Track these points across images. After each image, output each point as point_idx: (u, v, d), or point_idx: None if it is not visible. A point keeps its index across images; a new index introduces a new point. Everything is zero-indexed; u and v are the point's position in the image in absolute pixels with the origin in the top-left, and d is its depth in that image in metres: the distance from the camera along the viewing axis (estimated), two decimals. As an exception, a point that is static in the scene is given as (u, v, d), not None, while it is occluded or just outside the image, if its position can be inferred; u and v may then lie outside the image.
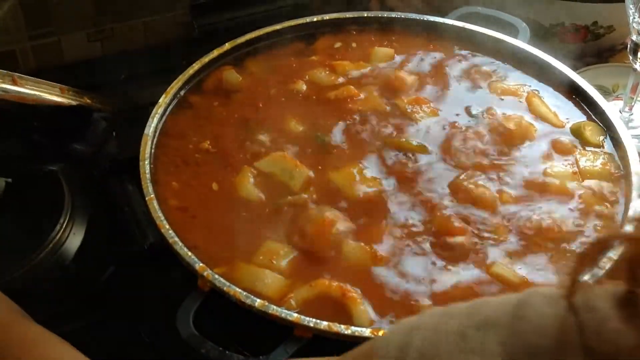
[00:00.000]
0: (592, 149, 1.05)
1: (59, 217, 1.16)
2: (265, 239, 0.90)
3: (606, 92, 1.40)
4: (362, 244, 0.90)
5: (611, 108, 1.08)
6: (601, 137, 1.05)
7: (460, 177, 0.99)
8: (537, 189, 0.98)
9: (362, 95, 1.12)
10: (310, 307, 0.83)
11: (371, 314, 0.83)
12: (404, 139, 1.05)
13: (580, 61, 1.49)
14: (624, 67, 1.41)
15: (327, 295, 0.84)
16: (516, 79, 1.17)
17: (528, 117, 1.09)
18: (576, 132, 1.07)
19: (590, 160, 1.02)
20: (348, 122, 1.08)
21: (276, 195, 0.96)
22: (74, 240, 1.16)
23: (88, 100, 1.14)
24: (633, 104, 1.33)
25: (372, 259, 0.89)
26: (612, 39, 1.50)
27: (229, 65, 1.17)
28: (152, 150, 1.00)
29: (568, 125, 1.08)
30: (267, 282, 0.85)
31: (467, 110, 1.11)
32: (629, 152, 1.00)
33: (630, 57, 1.27)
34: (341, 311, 0.83)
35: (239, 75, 1.16)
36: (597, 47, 1.51)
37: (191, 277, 0.84)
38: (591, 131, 1.06)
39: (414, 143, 1.04)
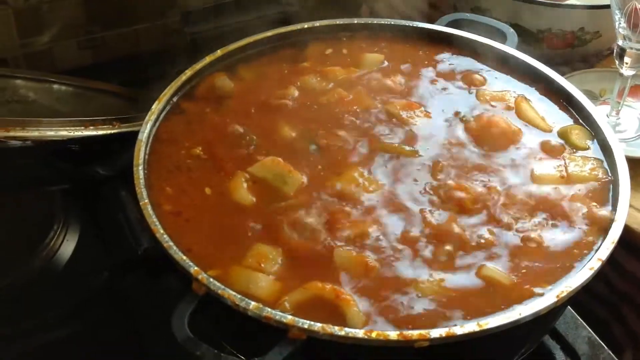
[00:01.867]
0: (581, 153, 1.06)
1: (52, 224, 1.17)
2: (256, 242, 0.91)
3: (593, 97, 1.42)
4: (354, 252, 0.90)
5: (598, 112, 1.09)
6: (588, 141, 1.07)
7: (451, 182, 1.00)
8: (526, 193, 0.99)
9: (352, 97, 1.14)
10: (305, 309, 0.84)
11: (364, 315, 0.83)
12: (396, 144, 1.06)
13: (568, 66, 1.51)
14: (611, 71, 1.43)
15: (321, 298, 0.85)
16: (504, 84, 1.18)
17: (516, 121, 1.11)
18: (563, 135, 1.08)
19: (579, 165, 1.03)
20: (340, 126, 1.09)
21: (269, 199, 0.97)
22: (68, 247, 1.17)
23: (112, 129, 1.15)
24: (620, 108, 1.35)
25: (364, 266, 0.89)
26: (599, 44, 1.52)
27: (221, 72, 1.18)
28: (146, 156, 1.00)
29: (555, 129, 1.10)
30: (260, 285, 0.85)
31: (457, 114, 1.12)
32: (616, 156, 1.01)
33: (617, 62, 1.29)
34: (335, 313, 0.83)
35: (231, 81, 1.16)
36: (584, 53, 1.54)
37: (185, 282, 0.85)
38: (577, 135, 1.07)
39: (407, 148, 1.05)
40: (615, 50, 1.28)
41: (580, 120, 1.11)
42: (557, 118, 1.12)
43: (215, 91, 1.15)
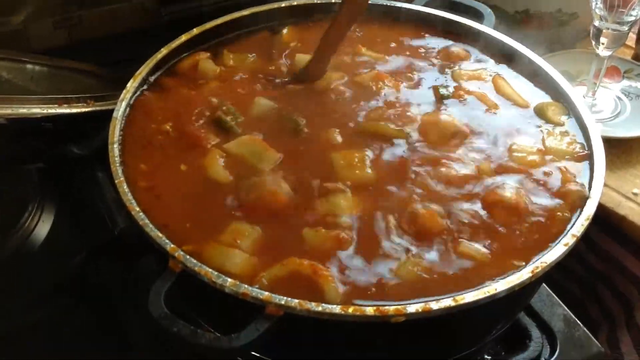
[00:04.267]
0: (559, 128, 1.06)
1: (27, 204, 1.16)
2: (232, 218, 0.90)
3: (570, 78, 1.43)
4: (324, 230, 0.90)
5: (575, 92, 1.10)
6: (564, 117, 1.07)
7: (431, 156, 1.01)
8: (504, 167, 1.00)
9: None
10: (282, 285, 0.83)
11: (341, 291, 0.83)
12: (382, 123, 1.05)
13: (545, 48, 1.51)
14: (587, 53, 1.43)
15: (299, 274, 0.85)
16: (481, 63, 1.19)
17: (493, 96, 1.11)
18: (540, 111, 1.09)
19: (556, 139, 1.04)
20: (320, 104, 1.09)
21: (244, 176, 0.96)
22: (43, 227, 1.16)
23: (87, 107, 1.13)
24: (596, 89, 1.36)
25: (336, 241, 0.89)
26: (576, 25, 1.53)
27: (202, 51, 1.17)
28: (121, 134, 1.00)
29: (532, 105, 1.10)
30: (236, 262, 0.85)
31: (436, 91, 1.12)
32: (591, 132, 1.02)
33: (593, 43, 1.30)
34: (313, 289, 0.83)
35: (212, 59, 1.16)
36: (562, 34, 1.54)
37: (162, 260, 0.84)
38: (554, 111, 1.08)
39: (392, 127, 1.04)
40: (591, 31, 1.28)
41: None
42: (533, 96, 1.12)
43: (197, 68, 1.14)
